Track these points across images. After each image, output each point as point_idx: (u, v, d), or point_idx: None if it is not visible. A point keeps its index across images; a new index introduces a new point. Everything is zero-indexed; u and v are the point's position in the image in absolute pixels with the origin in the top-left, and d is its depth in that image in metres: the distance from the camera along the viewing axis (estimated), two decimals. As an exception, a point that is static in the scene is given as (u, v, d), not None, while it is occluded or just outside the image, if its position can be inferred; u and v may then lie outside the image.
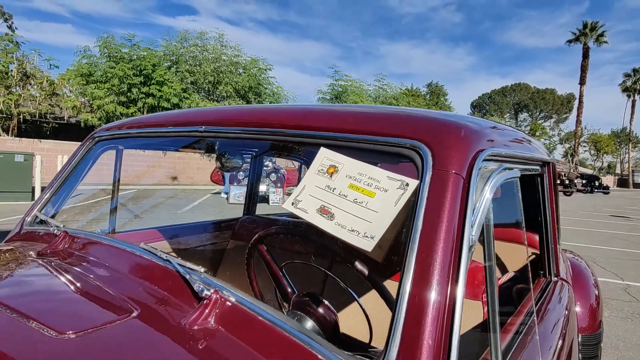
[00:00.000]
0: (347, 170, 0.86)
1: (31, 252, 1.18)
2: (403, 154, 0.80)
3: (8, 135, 15.93)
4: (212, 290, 0.82)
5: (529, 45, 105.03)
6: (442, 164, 0.74)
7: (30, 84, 17.23)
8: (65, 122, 18.77)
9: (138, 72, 17.01)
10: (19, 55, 16.25)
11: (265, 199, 11.15)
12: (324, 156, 0.91)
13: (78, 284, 0.96)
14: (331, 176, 0.87)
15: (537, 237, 2.05)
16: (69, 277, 0.99)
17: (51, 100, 17.44)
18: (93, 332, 0.73)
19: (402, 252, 0.70)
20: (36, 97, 16.85)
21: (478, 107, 66.08)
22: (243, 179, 11.51)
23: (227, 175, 11.84)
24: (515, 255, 2.12)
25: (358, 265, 0.89)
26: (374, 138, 0.85)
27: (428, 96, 42.61)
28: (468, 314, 1.34)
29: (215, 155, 1.40)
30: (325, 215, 0.82)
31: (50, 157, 14.20)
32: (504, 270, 2.14)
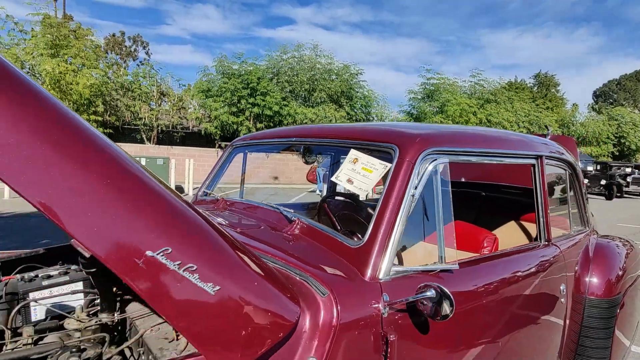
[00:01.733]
0: (362, 160, 1.69)
1: (208, 208, 2.26)
2: (387, 151, 1.60)
3: (150, 143, 19.79)
4: (297, 218, 1.73)
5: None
6: (402, 156, 1.52)
7: (165, 101, 21.07)
8: (190, 131, 22.38)
9: (246, 85, 19.53)
10: (158, 77, 20.08)
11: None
12: (353, 153, 1.75)
13: (234, 219, 1.97)
14: (354, 163, 1.71)
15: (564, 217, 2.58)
16: (231, 216, 2.01)
17: (180, 113, 21.06)
18: (249, 229, 1.71)
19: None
20: (169, 111, 20.56)
21: (602, 95, 57.40)
22: (335, 178, 12.55)
23: (320, 174, 13.10)
24: (531, 230, 2.64)
25: (369, 209, 1.71)
26: (373, 143, 1.67)
27: (535, 88, 38.90)
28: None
29: (301, 154, 2.35)
30: (349, 183, 1.67)
31: (180, 160, 17.22)
32: (521, 240, 2.68)
